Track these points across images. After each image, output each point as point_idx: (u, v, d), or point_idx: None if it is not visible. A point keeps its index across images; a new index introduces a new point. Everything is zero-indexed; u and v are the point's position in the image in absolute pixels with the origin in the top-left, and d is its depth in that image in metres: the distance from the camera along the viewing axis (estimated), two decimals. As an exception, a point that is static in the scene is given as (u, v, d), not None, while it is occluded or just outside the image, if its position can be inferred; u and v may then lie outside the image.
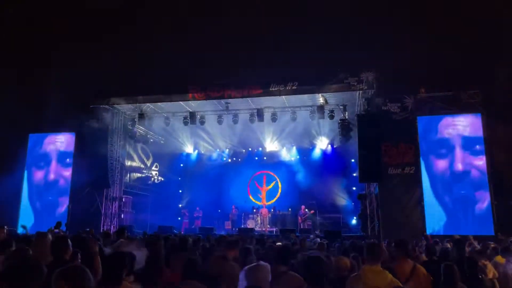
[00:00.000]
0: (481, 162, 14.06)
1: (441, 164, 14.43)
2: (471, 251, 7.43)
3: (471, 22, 15.33)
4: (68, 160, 17.12)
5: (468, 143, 14.33)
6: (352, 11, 17.27)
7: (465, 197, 13.96)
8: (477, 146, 14.19)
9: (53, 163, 17.30)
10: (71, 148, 17.23)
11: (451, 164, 14.33)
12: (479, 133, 14.30)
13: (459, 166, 14.22)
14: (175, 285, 3.90)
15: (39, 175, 17.36)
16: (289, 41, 16.48)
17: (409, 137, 14.65)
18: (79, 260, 4.10)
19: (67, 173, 16.99)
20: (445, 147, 14.46)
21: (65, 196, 16.71)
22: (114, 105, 16.76)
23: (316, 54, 17.30)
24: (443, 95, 14.86)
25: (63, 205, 16.61)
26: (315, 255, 3.76)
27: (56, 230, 9.59)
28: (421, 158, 14.50)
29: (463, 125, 14.48)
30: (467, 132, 14.41)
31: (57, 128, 17.27)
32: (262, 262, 3.63)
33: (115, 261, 3.35)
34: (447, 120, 14.66)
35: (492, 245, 7.90)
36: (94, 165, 15.84)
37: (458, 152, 14.32)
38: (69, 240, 4.09)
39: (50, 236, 4.94)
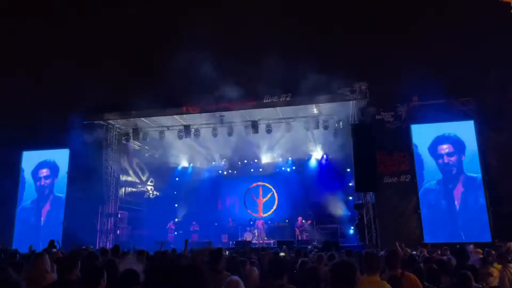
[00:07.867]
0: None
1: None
2: (473, 259, 7.39)
3: (462, 30, 15.56)
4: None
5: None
6: (345, 21, 17.47)
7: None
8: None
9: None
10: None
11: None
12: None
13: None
14: None
15: (31, 192, 17.19)
16: (282, 52, 16.56)
17: (403, 146, 14.69)
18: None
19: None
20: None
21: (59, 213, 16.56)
22: (108, 120, 16.71)
23: (309, 65, 17.41)
24: (436, 103, 14.96)
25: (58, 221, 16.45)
26: (347, 260, 3.71)
27: (54, 250, 9.39)
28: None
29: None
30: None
31: (51, 145, 17.11)
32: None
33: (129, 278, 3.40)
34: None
35: (493, 252, 7.91)
36: (88, 181, 15.71)
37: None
38: (78, 260, 4.02)
39: (47, 257, 4.90)
